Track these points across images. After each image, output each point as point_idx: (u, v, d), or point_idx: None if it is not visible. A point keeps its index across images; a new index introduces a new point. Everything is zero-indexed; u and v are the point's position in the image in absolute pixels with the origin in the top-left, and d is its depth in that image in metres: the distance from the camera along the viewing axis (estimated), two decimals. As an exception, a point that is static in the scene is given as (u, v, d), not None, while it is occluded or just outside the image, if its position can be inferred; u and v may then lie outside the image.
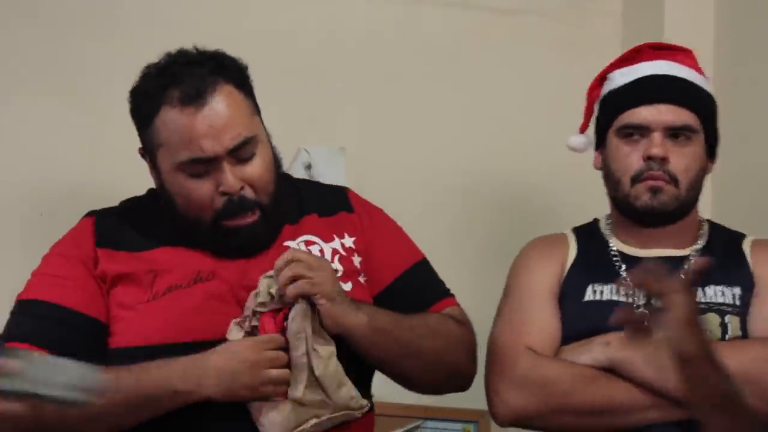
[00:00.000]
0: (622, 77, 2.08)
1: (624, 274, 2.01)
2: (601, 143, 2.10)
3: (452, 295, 2.02)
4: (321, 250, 1.93)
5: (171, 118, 1.85)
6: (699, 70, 2.10)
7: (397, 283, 1.97)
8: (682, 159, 2.01)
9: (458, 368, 1.95)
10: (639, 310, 1.94)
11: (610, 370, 1.92)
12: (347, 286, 1.88)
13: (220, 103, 1.85)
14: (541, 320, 2.00)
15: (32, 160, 2.59)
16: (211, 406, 1.78)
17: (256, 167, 1.89)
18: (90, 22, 2.64)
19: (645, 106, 2.02)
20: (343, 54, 2.76)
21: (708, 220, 2.13)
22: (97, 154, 2.62)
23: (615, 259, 2.05)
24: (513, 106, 2.85)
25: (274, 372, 1.76)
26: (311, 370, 1.78)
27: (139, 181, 2.60)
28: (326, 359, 1.78)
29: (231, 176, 1.85)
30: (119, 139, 2.58)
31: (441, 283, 2.03)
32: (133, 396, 1.77)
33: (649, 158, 2.00)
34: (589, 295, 2.00)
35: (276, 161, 1.96)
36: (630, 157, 2.02)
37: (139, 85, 1.91)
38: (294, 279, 1.78)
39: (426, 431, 2.63)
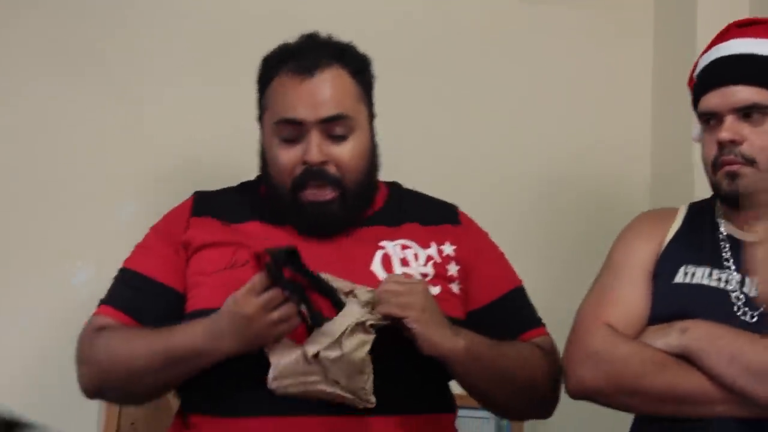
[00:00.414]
0: (701, 64, 2.05)
1: (726, 255, 1.97)
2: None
3: (543, 325, 2.05)
4: (415, 255, 1.96)
5: (281, 83, 1.96)
6: None
7: (494, 306, 2.01)
8: (759, 137, 1.94)
9: (543, 398, 1.99)
10: (734, 293, 1.93)
11: (686, 358, 1.88)
12: (436, 290, 1.92)
13: (327, 80, 1.94)
14: (628, 297, 1.97)
15: (69, 148, 2.60)
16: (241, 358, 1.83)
17: (346, 149, 1.94)
18: (127, 11, 2.65)
19: (713, 91, 1.97)
20: (372, 44, 2.74)
21: None
22: (132, 142, 2.63)
23: (722, 242, 1.99)
24: (542, 96, 2.85)
25: (276, 314, 1.77)
26: (340, 345, 1.78)
27: (171, 170, 2.62)
28: (358, 344, 1.78)
29: (315, 147, 1.92)
30: (154, 128, 2.63)
31: (534, 311, 2.07)
32: (164, 355, 1.85)
33: (719, 143, 1.96)
34: (679, 277, 1.96)
35: (373, 157, 2.01)
36: (709, 145, 1.99)
37: (268, 55, 2.02)
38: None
39: (458, 419, 2.62)
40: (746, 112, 1.96)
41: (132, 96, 2.62)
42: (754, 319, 1.90)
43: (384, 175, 2.18)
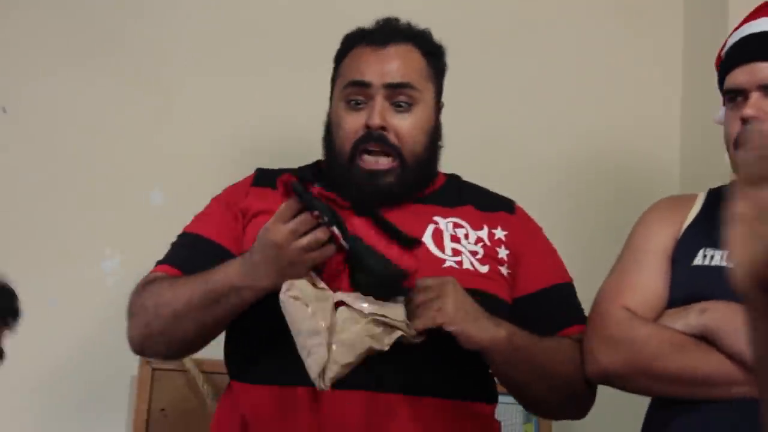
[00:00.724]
0: (729, 42, 2.02)
1: None
2: None
3: None
4: (466, 234, 1.98)
5: (354, 55, 2.03)
6: None
7: (540, 295, 2.01)
8: None
9: (580, 396, 1.97)
10: None
11: (705, 339, 1.86)
12: (484, 269, 1.95)
13: (397, 52, 2.01)
14: (646, 281, 1.96)
15: (95, 138, 2.63)
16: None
17: (408, 121, 1.97)
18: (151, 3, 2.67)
19: (740, 67, 1.95)
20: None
21: None
22: (159, 132, 2.65)
23: None
24: (571, 77, 2.85)
25: (305, 239, 1.77)
26: (364, 317, 1.76)
27: (198, 159, 2.63)
28: (372, 337, 1.76)
29: (378, 112, 1.96)
30: (182, 118, 2.64)
31: (581, 309, 2.05)
32: (205, 294, 1.86)
33: (743, 121, 1.93)
34: (698, 260, 1.95)
35: (434, 138, 2.02)
36: (732, 122, 1.96)
37: (347, 34, 2.09)
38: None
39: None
40: None
41: (160, 85, 2.64)
42: None
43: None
